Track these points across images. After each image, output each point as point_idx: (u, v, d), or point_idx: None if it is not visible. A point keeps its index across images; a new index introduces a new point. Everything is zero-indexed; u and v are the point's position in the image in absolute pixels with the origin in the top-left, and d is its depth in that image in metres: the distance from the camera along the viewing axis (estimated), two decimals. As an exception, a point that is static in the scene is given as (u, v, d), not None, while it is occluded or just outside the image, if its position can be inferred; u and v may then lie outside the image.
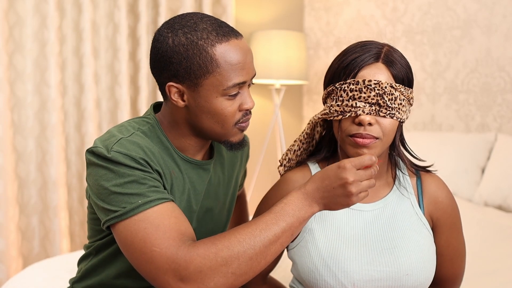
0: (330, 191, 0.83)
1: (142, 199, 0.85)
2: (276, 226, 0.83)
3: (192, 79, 0.91)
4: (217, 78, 0.91)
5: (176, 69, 0.91)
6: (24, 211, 2.28)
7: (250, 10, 3.07)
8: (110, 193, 0.87)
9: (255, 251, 0.82)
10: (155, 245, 0.82)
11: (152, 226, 0.84)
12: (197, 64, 0.90)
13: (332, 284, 0.96)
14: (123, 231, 0.85)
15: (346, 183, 0.82)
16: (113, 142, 0.90)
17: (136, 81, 2.58)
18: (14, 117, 2.22)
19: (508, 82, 2.41)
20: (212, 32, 0.91)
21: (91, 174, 0.92)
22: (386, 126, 0.93)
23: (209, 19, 0.93)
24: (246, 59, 0.93)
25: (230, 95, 0.93)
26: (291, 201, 0.85)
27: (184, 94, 0.94)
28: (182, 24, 0.92)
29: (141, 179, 0.87)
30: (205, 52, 0.90)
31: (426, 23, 2.71)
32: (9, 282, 1.60)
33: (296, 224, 0.84)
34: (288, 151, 1.10)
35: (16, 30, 2.20)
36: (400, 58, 0.96)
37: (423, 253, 0.97)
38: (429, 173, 1.07)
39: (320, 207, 0.86)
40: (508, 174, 2.09)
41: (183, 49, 0.90)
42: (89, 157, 0.92)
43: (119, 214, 0.85)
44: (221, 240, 0.82)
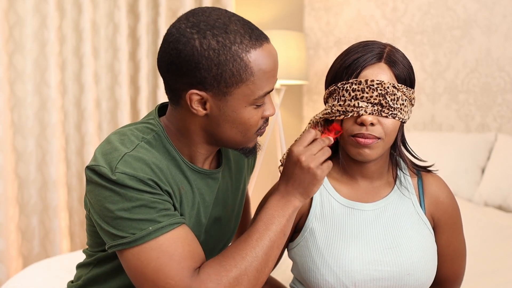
0: (295, 178, 0.87)
1: (152, 225, 0.80)
2: (269, 232, 0.85)
3: (221, 88, 0.83)
4: (249, 88, 0.83)
5: (203, 76, 0.81)
6: (24, 211, 2.27)
7: (250, 10, 3.07)
8: (116, 217, 0.81)
9: (259, 261, 0.83)
10: (169, 277, 0.79)
11: (166, 255, 0.79)
12: (229, 71, 0.81)
13: (333, 283, 0.95)
14: (132, 259, 0.81)
15: (299, 162, 0.85)
16: (117, 159, 0.82)
17: (136, 81, 2.58)
18: (14, 117, 2.22)
19: (508, 82, 2.42)
20: (245, 35, 0.82)
21: (93, 193, 0.84)
22: (388, 126, 0.93)
23: (237, 19, 0.85)
24: (276, 65, 0.87)
25: (258, 104, 0.87)
26: (271, 204, 0.87)
27: (207, 102, 0.85)
28: (210, 25, 0.81)
29: (151, 202, 0.82)
30: (239, 58, 0.81)
31: (426, 23, 2.71)
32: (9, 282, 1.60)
33: (284, 222, 0.86)
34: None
35: (16, 30, 2.20)
36: (403, 58, 0.96)
37: (424, 252, 0.97)
38: (430, 173, 1.07)
39: (299, 198, 0.88)
40: (508, 174, 2.10)
41: (213, 54, 0.80)
42: (90, 175, 0.84)
43: (127, 241, 0.80)
44: (228, 261, 0.82)
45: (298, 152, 0.86)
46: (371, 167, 1.01)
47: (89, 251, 1.02)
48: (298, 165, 0.86)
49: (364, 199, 1.02)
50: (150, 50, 2.65)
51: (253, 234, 0.84)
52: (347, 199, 1.02)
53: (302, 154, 0.85)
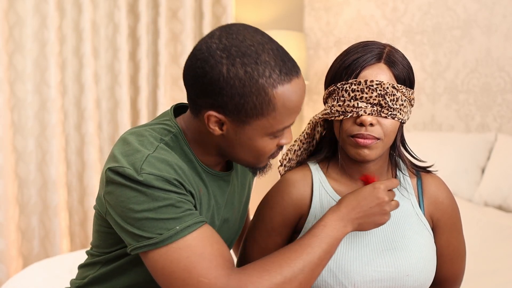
0: (367, 210, 0.87)
1: (179, 224, 0.79)
2: (319, 249, 0.84)
3: (240, 116, 0.82)
4: (269, 121, 0.82)
5: (225, 101, 0.80)
6: (24, 211, 2.28)
7: (250, 10, 3.07)
8: (141, 218, 0.80)
9: (304, 274, 0.82)
10: (202, 275, 0.77)
11: (195, 254, 0.78)
12: (252, 103, 0.80)
13: (332, 285, 0.95)
14: (160, 260, 0.79)
15: (383, 202, 0.88)
16: (141, 160, 0.81)
17: (136, 81, 2.58)
18: (14, 117, 2.22)
19: (508, 82, 2.41)
20: (275, 68, 0.80)
21: (114, 194, 0.82)
22: (387, 126, 0.93)
23: (271, 48, 0.81)
24: (302, 101, 0.85)
25: (275, 135, 0.87)
26: (329, 224, 0.86)
27: (224, 124, 0.84)
28: (241, 52, 0.79)
29: (177, 202, 0.81)
30: (264, 93, 0.79)
31: (426, 23, 2.71)
32: (9, 282, 1.60)
33: (335, 244, 0.86)
34: (289, 151, 1.10)
35: (16, 30, 2.20)
36: (402, 59, 0.96)
37: (423, 253, 0.97)
38: (429, 174, 1.06)
39: (354, 227, 0.88)
40: (508, 174, 2.10)
41: (239, 84, 0.78)
42: (112, 176, 0.82)
43: (154, 241, 0.79)
44: (272, 266, 0.80)
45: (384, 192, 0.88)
46: (370, 167, 1.01)
47: (96, 252, 1.00)
48: (379, 202, 0.87)
49: None
50: (150, 50, 2.65)
51: (304, 247, 0.83)
52: (347, 200, 1.02)
53: (387, 196, 0.87)
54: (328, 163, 1.06)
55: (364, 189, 0.89)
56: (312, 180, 1.03)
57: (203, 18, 2.75)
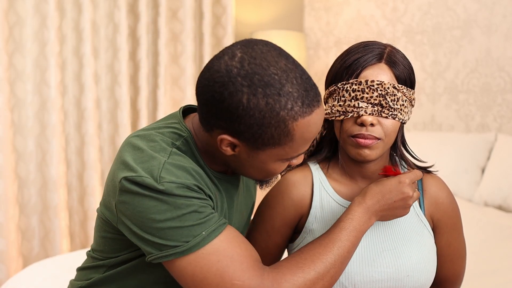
0: (391, 204, 0.89)
1: (205, 229, 0.78)
2: (348, 242, 0.85)
3: (257, 144, 0.80)
4: (285, 150, 0.81)
5: (242, 130, 0.78)
6: (24, 211, 2.27)
7: (250, 10, 3.07)
8: (164, 227, 0.78)
9: (336, 268, 0.83)
10: (235, 278, 0.77)
11: (226, 257, 0.78)
12: (270, 134, 0.78)
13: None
14: (189, 267, 0.78)
15: (408, 197, 0.89)
16: (158, 168, 0.79)
17: (136, 81, 2.58)
18: (14, 117, 2.22)
19: (508, 82, 2.42)
20: (298, 100, 0.76)
21: (131, 204, 0.80)
22: (388, 127, 0.93)
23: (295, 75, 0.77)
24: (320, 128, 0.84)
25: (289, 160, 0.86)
26: (356, 217, 0.88)
27: (237, 147, 0.82)
28: (264, 81, 0.75)
29: (200, 207, 0.80)
30: (284, 125, 0.77)
31: (426, 23, 2.71)
32: (9, 282, 1.60)
33: (360, 236, 0.88)
34: (289, 151, 1.10)
35: (16, 30, 2.20)
36: (403, 59, 0.95)
37: (424, 254, 0.97)
38: (430, 174, 1.06)
39: (377, 219, 0.90)
40: (508, 174, 2.10)
41: (259, 115, 0.75)
42: (129, 186, 0.79)
43: (182, 250, 0.78)
44: (305, 262, 0.81)
45: (409, 186, 0.89)
46: (371, 167, 1.01)
47: (100, 256, 0.98)
48: (404, 197, 0.88)
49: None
50: (150, 50, 2.65)
51: (334, 241, 0.85)
52: (347, 200, 1.02)
53: (412, 191, 0.89)
54: (328, 163, 1.06)
55: (390, 182, 0.90)
56: (312, 181, 1.03)
57: (203, 18, 2.75)
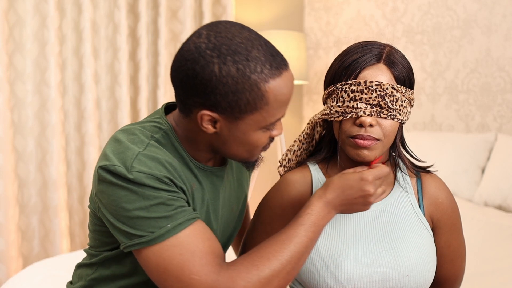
0: (350, 199, 0.88)
1: (171, 222, 0.80)
2: (306, 238, 0.85)
3: (234, 113, 0.83)
4: (262, 115, 0.84)
5: (218, 100, 0.81)
6: (24, 211, 2.28)
7: (250, 10, 3.07)
8: (132, 216, 0.81)
9: (292, 264, 0.83)
10: (194, 273, 0.79)
11: (188, 251, 0.80)
12: (245, 100, 0.81)
13: (332, 285, 0.95)
14: (153, 258, 0.80)
15: (368, 195, 0.87)
16: (131, 158, 0.82)
17: (136, 81, 2.59)
18: (14, 117, 2.22)
19: (508, 82, 2.41)
20: (266, 64, 0.81)
21: (106, 193, 0.83)
22: (387, 127, 0.93)
23: (260, 43, 0.82)
24: (292, 92, 0.87)
25: (268, 128, 0.88)
26: (315, 211, 0.87)
27: (217, 122, 0.85)
28: (231, 49, 0.79)
29: (168, 200, 0.82)
30: (257, 88, 0.80)
31: (426, 23, 2.71)
32: (9, 282, 1.60)
33: (319, 231, 0.87)
34: (288, 151, 1.10)
35: (16, 30, 2.20)
36: (402, 59, 0.95)
37: (423, 254, 0.97)
38: (429, 174, 1.06)
39: (336, 212, 0.90)
40: (508, 174, 2.09)
41: (231, 81, 0.79)
42: (104, 174, 0.83)
43: (146, 240, 0.80)
44: (260, 260, 0.82)
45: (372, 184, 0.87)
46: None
47: (93, 251, 1.01)
48: (364, 194, 0.87)
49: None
50: (150, 50, 2.65)
51: (291, 237, 0.84)
52: (346, 200, 1.02)
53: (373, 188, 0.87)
54: (327, 164, 1.06)
55: (352, 177, 0.88)
56: (311, 181, 1.03)
57: (203, 18, 2.75)
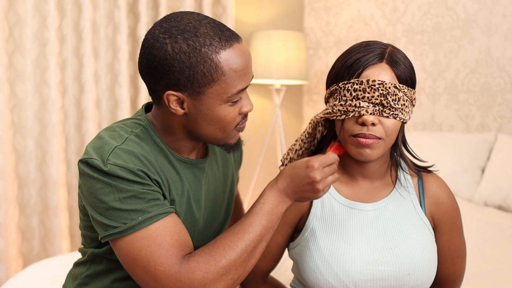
0: (299, 187, 0.90)
1: (142, 215, 0.85)
2: (260, 226, 0.89)
3: (194, 88, 0.87)
4: (221, 86, 0.88)
5: (177, 78, 0.86)
6: (24, 211, 2.27)
7: (250, 10, 3.07)
8: (108, 207, 0.85)
9: (247, 253, 0.87)
10: (159, 264, 0.83)
11: (155, 244, 0.84)
12: (201, 72, 0.86)
13: (333, 283, 0.96)
14: (124, 248, 0.85)
15: (314, 181, 0.88)
16: (108, 152, 0.86)
17: (136, 81, 2.58)
18: (14, 117, 2.22)
19: (508, 82, 2.42)
20: (215, 37, 0.86)
21: (86, 186, 0.88)
22: (389, 126, 0.93)
23: (208, 22, 0.88)
24: (248, 64, 0.91)
25: (233, 101, 0.91)
26: (268, 200, 0.91)
27: (184, 102, 0.90)
28: (180, 29, 0.86)
29: (140, 193, 0.86)
30: (209, 59, 0.85)
31: (426, 23, 2.71)
32: (9, 282, 1.60)
33: (275, 219, 0.91)
34: (290, 150, 1.10)
35: (16, 30, 2.20)
36: (404, 59, 0.96)
37: (424, 252, 0.97)
38: (430, 173, 1.07)
39: (292, 201, 0.92)
40: (508, 174, 2.10)
41: (185, 57, 0.85)
42: (83, 168, 0.88)
43: (119, 230, 0.84)
44: (217, 251, 0.86)
45: (318, 171, 0.88)
46: (372, 167, 1.01)
47: (85, 249, 1.05)
48: (310, 181, 0.88)
49: (365, 199, 1.02)
50: (150, 50, 2.65)
51: (245, 228, 0.88)
52: (348, 199, 1.02)
53: (319, 175, 0.88)
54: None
55: (299, 164, 0.90)
56: (313, 180, 1.03)
57: (203, 18, 2.74)
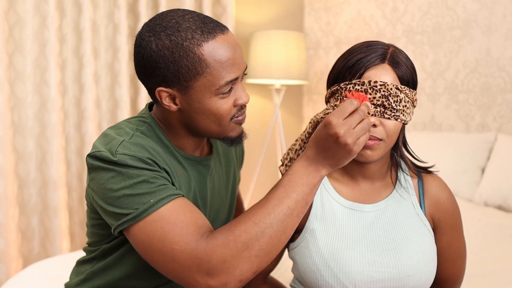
0: (328, 150, 0.82)
1: (153, 197, 0.83)
2: (288, 199, 0.82)
3: (181, 83, 0.88)
4: (208, 79, 0.87)
5: (164, 74, 0.87)
6: (24, 211, 2.27)
7: (250, 10, 3.06)
8: (119, 196, 0.84)
9: (273, 228, 0.80)
10: (174, 243, 0.80)
11: (169, 224, 0.81)
12: (185, 67, 0.86)
13: (333, 284, 0.96)
14: (139, 234, 0.82)
15: (338, 137, 0.80)
16: (116, 145, 0.87)
17: (136, 81, 2.58)
18: (14, 117, 2.22)
19: (508, 82, 2.42)
20: (197, 30, 0.86)
21: (95, 179, 0.87)
22: (390, 127, 0.93)
23: (192, 16, 0.89)
24: (235, 54, 0.89)
25: (224, 93, 0.90)
26: (296, 171, 0.84)
27: (175, 97, 0.91)
28: (163, 26, 0.87)
29: (151, 178, 0.85)
30: (192, 53, 0.86)
31: (426, 23, 2.71)
32: (9, 282, 1.59)
33: (308, 191, 0.83)
34: (290, 150, 1.10)
35: (16, 30, 2.20)
36: (406, 60, 0.95)
37: (424, 254, 0.97)
38: (430, 174, 1.06)
39: (327, 169, 0.84)
40: (508, 174, 2.09)
41: (168, 52, 0.86)
42: (92, 161, 0.88)
43: (132, 216, 0.82)
44: (238, 226, 0.80)
45: (337, 125, 0.80)
46: (372, 168, 1.01)
47: (91, 249, 1.04)
48: (334, 139, 0.81)
49: (365, 200, 1.02)
50: (150, 50, 2.65)
51: (271, 200, 0.82)
52: (348, 200, 1.02)
53: (341, 128, 0.80)
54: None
55: (319, 128, 0.84)
56: (313, 180, 1.03)
57: (203, 18, 2.74)
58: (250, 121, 3.05)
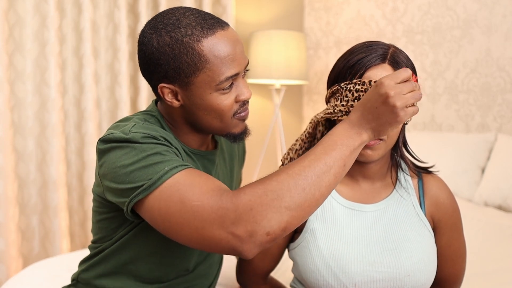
0: (374, 112, 0.78)
1: (168, 165, 0.80)
2: (326, 156, 0.77)
3: (182, 78, 0.89)
4: (208, 74, 0.88)
5: (165, 70, 0.89)
6: (24, 211, 2.27)
7: (250, 10, 3.06)
8: (132, 170, 0.81)
9: (307, 181, 0.75)
10: (194, 200, 0.75)
11: (185, 185, 0.77)
12: (185, 62, 0.87)
13: (333, 284, 0.96)
14: (155, 204, 0.78)
15: (387, 97, 0.76)
16: (129, 127, 0.87)
17: (136, 81, 2.58)
18: (14, 117, 2.22)
19: (508, 82, 2.42)
20: (197, 27, 0.87)
21: (106, 161, 0.85)
22: (390, 128, 0.92)
23: (192, 13, 0.90)
24: (236, 50, 0.90)
25: (224, 88, 0.90)
26: (337, 132, 0.80)
27: (177, 93, 0.92)
28: (164, 23, 0.89)
29: (164, 151, 0.84)
30: (191, 49, 0.87)
31: (426, 23, 2.71)
32: (9, 282, 1.59)
33: (347, 153, 0.78)
34: (290, 150, 1.10)
35: (16, 30, 2.20)
36: (406, 60, 0.95)
37: (424, 254, 0.97)
38: (430, 174, 1.07)
39: (368, 133, 0.80)
40: (508, 174, 2.09)
41: (168, 49, 0.87)
42: (103, 145, 0.86)
43: (146, 186, 0.79)
44: (269, 177, 0.76)
45: (388, 86, 0.77)
46: (372, 168, 1.01)
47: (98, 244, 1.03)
48: (383, 99, 0.76)
49: (365, 200, 1.02)
50: (150, 50, 2.65)
51: (308, 156, 0.77)
52: (348, 200, 1.02)
53: (392, 90, 0.76)
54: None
55: (370, 90, 0.80)
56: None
57: (203, 18, 2.74)
58: (250, 121, 3.05)
